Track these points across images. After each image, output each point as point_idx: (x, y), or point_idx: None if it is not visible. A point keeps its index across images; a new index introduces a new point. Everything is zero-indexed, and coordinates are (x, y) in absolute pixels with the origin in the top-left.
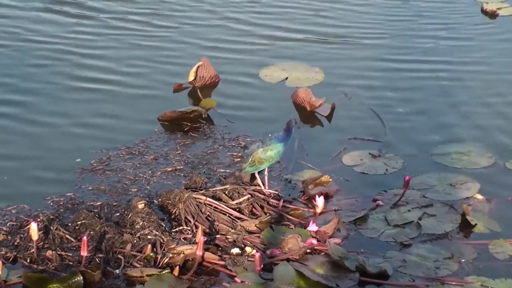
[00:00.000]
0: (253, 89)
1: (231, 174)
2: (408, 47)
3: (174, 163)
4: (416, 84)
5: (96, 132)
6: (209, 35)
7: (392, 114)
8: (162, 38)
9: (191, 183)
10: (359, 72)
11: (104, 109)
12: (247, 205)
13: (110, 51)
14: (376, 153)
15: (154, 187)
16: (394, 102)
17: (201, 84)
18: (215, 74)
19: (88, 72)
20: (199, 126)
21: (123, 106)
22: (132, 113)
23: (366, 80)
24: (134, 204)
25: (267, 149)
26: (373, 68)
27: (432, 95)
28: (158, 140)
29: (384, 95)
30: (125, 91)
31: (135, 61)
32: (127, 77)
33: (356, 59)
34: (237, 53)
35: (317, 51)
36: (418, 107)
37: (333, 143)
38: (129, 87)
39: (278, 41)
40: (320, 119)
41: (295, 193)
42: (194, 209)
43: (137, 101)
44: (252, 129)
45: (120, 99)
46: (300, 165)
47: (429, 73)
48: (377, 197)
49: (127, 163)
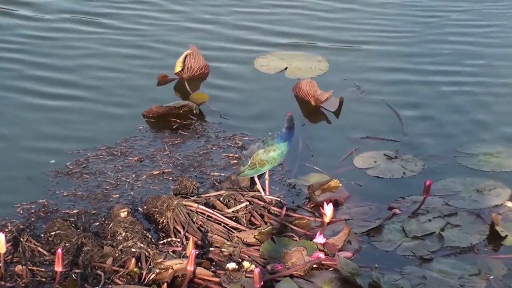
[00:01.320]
0: (248, 81)
1: (227, 178)
2: (432, 33)
3: (162, 165)
4: (439, 76)
5: (72, 130)
6: (197, 21)
7: (411, 110)
8: (143, 26)
9: (180, 188)
10: (371, 61)
11: (81, 105)
12: (245, 213)
13: (87, 43)
14: (392, 154)
15: (139, 193)
16: (413, 95)
17: (189, 76)
18: (204, 64)
19: (63, 64)
20: (189, 123)
21: (102, 101)
22: (113, 108)
23: (380, 71)
24: (116, 212)
25: (269, 149)
26: (388, 56)
27: (456, 89)
28: (143, 139)
29: (401, 88)
30: (104, 85)
31: (114, 52)
32: (106, 70)
33: (366, 45)
34: (228, 40)
35: (319, 37)
36: (440, 102)
37: (343, 143)
38: (108, 80)
39: (274, 26)
40: (327, 115)
41: (299, 200)
42: (184, 218)
43: (118, 95)
44: (250, 126)
45: (98, 94)
46: (305, 168)
47: (454, 65)
48: (394, 205)
49: (108, 165)
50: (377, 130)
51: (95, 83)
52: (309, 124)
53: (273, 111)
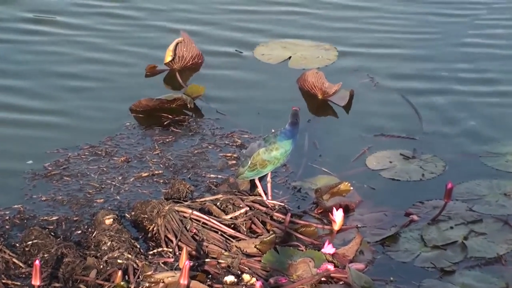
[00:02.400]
0: (248, 72)
1: (224, 180)
2: (453, 15)
3: (151, 166)
4: (460, 66)
5: (51, 127)
6: (189, 5)
7: (430, 104)
8: (128, 12)
9: (173, 192)
10: (386, 49)
11: (61, 98)
12: (244, 220)
13: (68, 32)
14: (409, 154)
15: (126, 197)
16: (431, 89)
17: (181, 66)
18: (198, 53)
19: (40, 54)
20: (182, 119)
21: (85, 94)
22: (97, 102)
23: (395, 60)
24: (100, 219)
25: (271, 148)
26: (405, 44)
27: (479, 82)
28: (131, 137)
29: (420, 79)
30: (86, 77)
31: (97, 42)
32: (87, 61)
33: (379, 31)
34: (225, 26)
35: (327, 22)
36: (462, 96)
37: (354, 141)
38: (91, 72)
39: (276, 9)
40: (336, 110)
41: (305, 205)
42: (176, 225)
43: (102, 88)
44: (250, 123)
45: (79, 86)
46: (312, 169)
47: (479, 59)
48: (411, 211)
49: (91, 166)
50: (393, 127)
51: (76, 75)
52: (315, 120)
53: (275, 105)
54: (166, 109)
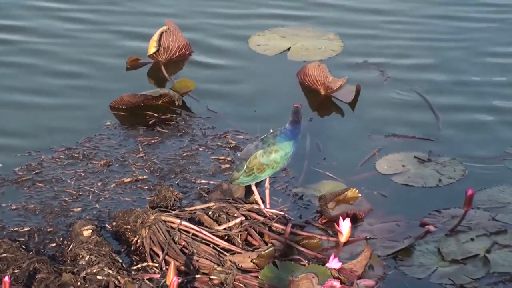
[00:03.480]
0: (242, 65)
1: (217, 186)
2: (471, 11)
3: (135, 170)
4: (481, 60)
5: (22, 126)
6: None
7: (447, 101)
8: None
9: (159, 200)
10: (398, 38)
11: (32, 94)
12: (239, 231)
13: (44, 22)
14: (424, 157)
15: (106, 206)
16: (450, 84)
17: (167, 58)
18: (185, 43)
19: (10, 48)
20: (170, 118)
21: (60, 91)
22: (73, 99)
23: (408, 51)
24: (78, 230)
25: (270, 150)
26: (420, 32)
27: (504, 74)
28: (112, 138)
29: (436, 73)
30: (61, 71)
31: (72, 32)
32: (63, 55)
33: (390, 18)
34: (215, 14)
35: (330, 8)
36: (483, 93)
37: (362, 142)
38: (66, 66)
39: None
40: (342, 107)
41: (308, 215)
42: (163, 237)
43: (79, 84)
44: (245, 122)
45: (55, 82)
46: (315, 174)
47: (500, 51)
48: (427, 220)
49: (67, 171)
50: (406, 126)
51: (49, 70)
52: (318, 118)
53: (273, 102)
54: (151, 107)
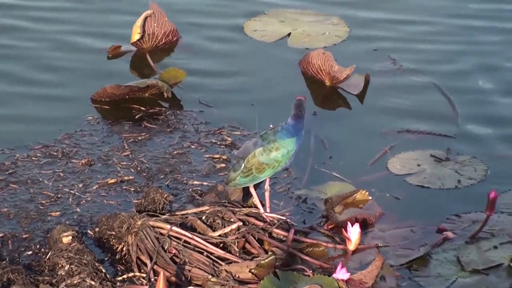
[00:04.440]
0: (238, 53)
1: (211, 188)
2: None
3: (119, 170)
4: (506, 45)
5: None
6: None
7: (467, 94)
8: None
9: (146, 203)
10: (412, 24)
11: (6, 88)
12: (236, 238)
13: (16, 13)
14: (442, 155)
15: (88, 210)
16: (469, 73)
17: (152, 46)
18: (172, 29)
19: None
20: (158, 112)
21: (36, 83)
22: (51, 92)
23: (422, 35)
24: (56, 236)
25: (270, 148)
26: (436, 16)
27: None
28: (94, 134)
29: (454, 62)
30: (37, 62)
31: (48, 18)
32: (38, 43)
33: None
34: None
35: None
36: (509, 82)
37: (372, 139)
38: (42, 56)
39: None
40: (349, 99)
41: (312, 219)
42: (151, 244)
43: (57, 75)
44: (242, 116)
45: (30, 72)
46: (320, 174)
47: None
48: (445, 226)
49: (45, 171)
50: (421, 121)
51: (23, 61)
52: (323, 112)
53: (273, 94)
54: (138, 99)
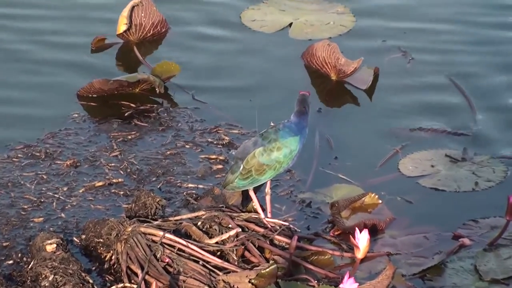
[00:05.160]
0: (235, 45)
1: (207, 192)
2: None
3: (108, 172)
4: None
5: None
6: None
7: (484, 89)
8: None
9: (137, 208)
10: (426, 11)
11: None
12: (235, 245)
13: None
14: (458, 155)
15: (74, 215)
16: (487, 66)
17: (139, 38)
18: (160, 19)
19: None
20: (149, 109)
21: (16, 76)
22: (33, 87)
23: (436, 24)
24: (40, 244)
25: (271, 147)
26: (450, 7)
27: None
28: (80, 133)
29: (471, 54)
30: (17, 56)
31: (26, 11)
32: (17, 37)
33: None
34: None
35: None
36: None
37: (382, 138)
38: (22, 50)
39: None
40: (356, 95)
41: (317, 225)
42: (143, 252)
43: (39, 70)
44: (240, 113)
45: (10, 65)
46: (326, 176)
47: None
48: (461, 232)
49: (26, 173)
50: (435, 118)
51: (4, 52)
52: (329, 108)
53: (274, 89)
54: (127, 95)
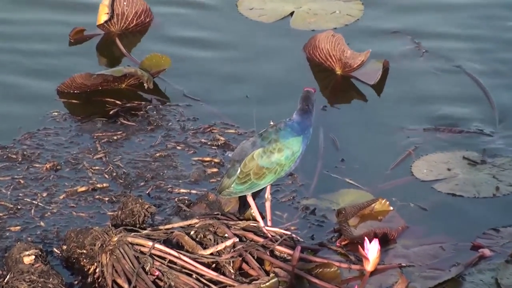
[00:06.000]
0: (230, 36)
1: (201, 198)
2: None
3: (92, 176)
4: None
5: None
6: None
7: (505, 82)
8: None
9: (124, 216)
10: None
11: None
12: (232, 257)
13: None
14: (477, 157)
15: (54, 224)
16: (507, 59)
17: (121, 28)
18: (145, 8)
19: None
20: (137, 106)
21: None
22: (8, 82)
23: (452, 13)
24: (17, 256)
25: (272, 149)
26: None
27: None
28: (60, 133)
29: (488, 47)
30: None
31: None
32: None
33: None
34: None
35: None
36: None
37: (393, 138)
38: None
39: None
40: (364, 91)
41: (323, 234)
42: (130, 265)
43: (14, 64)
44: (237, 111)
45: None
46: (331, 181)
47: None
48: (481, 242)
49: (2, 177)
50: (451, 117)
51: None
52: (334, 106)
53: (273, 85)
54: (112, 91)
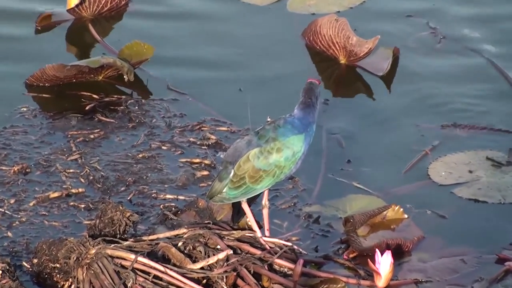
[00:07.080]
0: (222, 21)
1: (190, 204)
2: None
3: (65, 180)
4: None
5: None
6: None
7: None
8: None
9: (103, 225)
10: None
11: None
12: (225, 271)
13: None
14: (502, 158)
15: (23, 234)
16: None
17: (94, 13)
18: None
19: None
20: (116, 101)
21: None
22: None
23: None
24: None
25: (269, 149)
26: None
27: None
28: (30, 132)
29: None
30: None
31: None
32: None
33: None
34: None
35: None
36: None
37: (406, 137)
38: None
39: None
40: (372, 82)
41: (328, 246)
42: (110, 281)
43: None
44: (229, 106)
45: None
46: (337, 185)
47: None
48: (507, 254)
49: None
50: (472, 111)
51: None
52: (338, 100)
53: (269, 76)
54: (88, 84)
